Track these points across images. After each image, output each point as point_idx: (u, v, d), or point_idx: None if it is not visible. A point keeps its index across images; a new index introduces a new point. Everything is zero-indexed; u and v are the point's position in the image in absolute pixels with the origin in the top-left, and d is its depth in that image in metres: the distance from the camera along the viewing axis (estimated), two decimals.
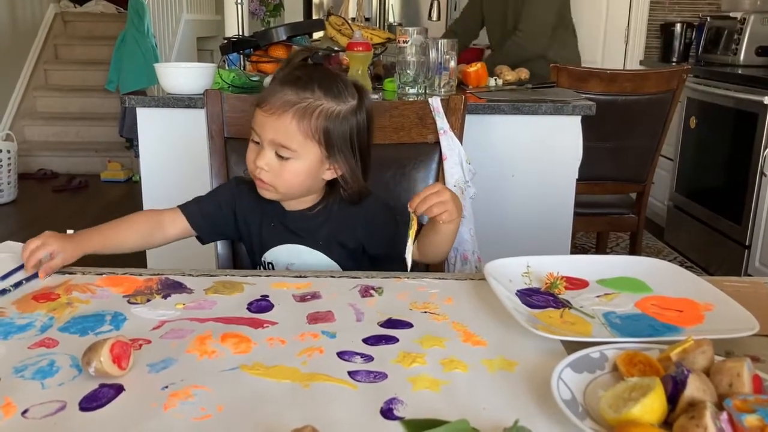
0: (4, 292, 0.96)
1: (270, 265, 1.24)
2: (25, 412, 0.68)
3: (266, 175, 1.13)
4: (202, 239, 1.28)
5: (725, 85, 3.13)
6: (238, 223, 1.26)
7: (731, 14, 3.70)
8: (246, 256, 1.38)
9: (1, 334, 0.85)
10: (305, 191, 1.19)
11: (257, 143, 1.13)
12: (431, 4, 3.00)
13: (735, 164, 3.04)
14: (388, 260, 1.19)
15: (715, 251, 3.20)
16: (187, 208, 1.25)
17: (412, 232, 1.07)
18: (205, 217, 1.24)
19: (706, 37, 3.86)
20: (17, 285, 0.99)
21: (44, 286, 1.00)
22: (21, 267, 1.05)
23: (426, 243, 1.16)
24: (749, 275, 2.87)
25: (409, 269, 1.07)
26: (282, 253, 1.23)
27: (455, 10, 4.80)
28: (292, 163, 1.12)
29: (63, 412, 0.68)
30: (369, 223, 1.21)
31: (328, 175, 1.18)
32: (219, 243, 1.38)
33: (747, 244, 2.94)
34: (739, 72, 3.28)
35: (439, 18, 3.19)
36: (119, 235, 1.19)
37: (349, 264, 1.21)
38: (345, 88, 1.15)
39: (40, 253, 1.04)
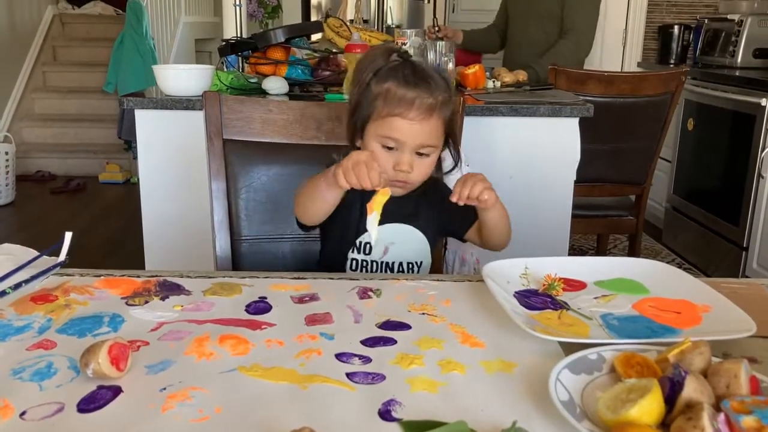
0: (2, 294, 0.96)
1: (367, 246, 1.26)
2: (23, 413, 0.68)
3: (408, 176, 1.18)
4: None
5: (723, 87, 3.14)
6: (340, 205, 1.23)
7: (728, 16, 3.71)
8: (244, 256, 1.38)
9: None
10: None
11: (391, 148, 1.17)
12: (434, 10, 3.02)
13: (733, 166, 3.04)
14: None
15: (713, 253, 3.21)
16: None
17: (378, 205, 1.08)
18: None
19: (704, 39, 3.87)
20: (16, 287, 0.99)
21: (42, 287, 1.00)
22: (19, 269, 1.04)
23: (485, 236, 1.25)
24: (747, 277, 2.88)
25: (374, 241, 1.13)
26: (382, 232, 1.19)
27: (453, 12, 4.81)
28: (431, 158, 1.19)
29: (61, 413, 0.68)
30: (444, 201, 1.21)
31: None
32: (218, 244, 1.38)
33: (745, 245, 2.95)
34: (737, 74, 3.28)
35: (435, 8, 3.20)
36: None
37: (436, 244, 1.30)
38: (446, 79, 1.22)
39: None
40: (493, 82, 2.37)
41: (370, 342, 0.85)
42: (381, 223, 1.17)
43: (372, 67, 1.18)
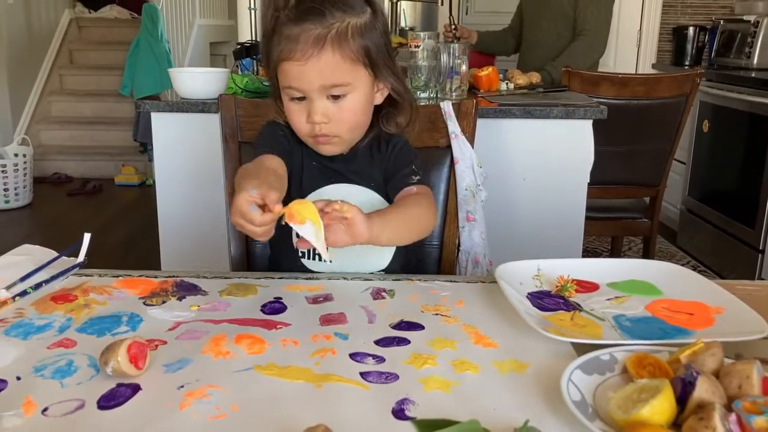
0: (23, 293, 0.98)
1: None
2: (45, 410, 0.69)
3: (327, 127, 1.03)
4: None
5: (738, 89, 3.12)
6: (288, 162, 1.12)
7: (744, 17, 3.68)
8: (259, 258, 1.40)
9: (20, 334, 0.86)
10: (365, 127, 1.10)
11: (300, 99, 1.03)
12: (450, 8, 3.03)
13: (748, 168, 3.02)
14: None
15: (729, 255, 3.18)
16: (273, 151, 1.10)
17: (307, 212, 0.88)
18: (289, 152, 1.13)
19: (719, 40, 3.85)
20: (37, 287, 1.00)
21: (62, 287, 1.02)
22: (40, 269, 1.06)
23: None
24: (762, 279, 2.86)
25: (327, 257, 0.98)
26: (332, 194, 1.07)
27: (467, 14, 4.81)
28: (349, 100, 1.03)
29: (82, 410, 0.69)
30: (392, 157, 1.15)
31: (378, 98, 1.10)
32: (232, 245, 1.39)
33: (761, 248, 2.92)
34: (753, 75, 3.26)
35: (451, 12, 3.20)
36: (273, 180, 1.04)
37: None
38: None
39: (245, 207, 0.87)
40: (507, 84, 2.37)
41: (384, 342, 0.85)
42: (324, 183, 1.07)
43: (273, 6, 1.02)
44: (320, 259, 1.16)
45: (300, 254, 1.17)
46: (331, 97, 1.02)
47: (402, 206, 1.07)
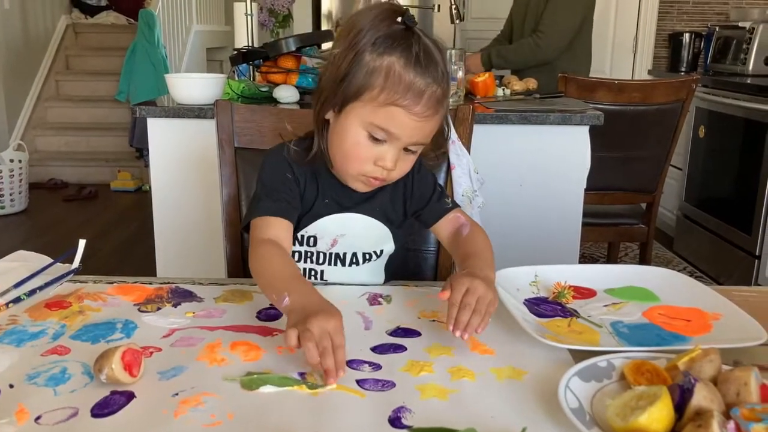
0: (17, 300, 0.97)
1: (311, 240, 1.10)
2: (38, 418, 0.68)
3: (390, 174, 1.00)
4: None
5: (734, 95, 3.13)
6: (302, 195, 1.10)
7: (740, 24, 3.70)
8: None
9: (14, 341, 0.86)
10: None
11: (377, 140, 0.97)
12: (450, 9, 3.01)
13: (744, 174, 3.03)
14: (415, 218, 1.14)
15: (725, 261, 3.19)
16: (283, 214, 1.04)
17: None
18: (294, 206, 1.07)
19: (715, 46, 3.86)
20: (31, 293, 1.00)
21: (56, 294, 1.01)
22: (34, 275, 1.06)
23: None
24: (759, 285, 2.86)
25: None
26: (330, 225, 1.09)
27: (463, 20, 4.82)
28: (416, 154, 1.01)
29: (75, 418, 0.69)
30: (412, 182, 1.12)
31: None
32: (229, 251, 1.39)
33: (757, 254, 2.93)
34: (748, 82, 3.27)
35: (461, 18, 3.18)
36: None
37: (400, 228, 1.13)
38: (444, 64, 0.99)
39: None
40: (503, 90, 2.37)
41: (380, 349, 0.85)
42: (325, 213, 1.05)
43: (371, 31, 0.94)
44: (316, 280, 1.13)
45: (296, 258, 1.16)
46: (405, 149, 0.99)
47: (484, 249, 1.06)
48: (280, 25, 3.24)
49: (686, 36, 4.16)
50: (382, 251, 1.13)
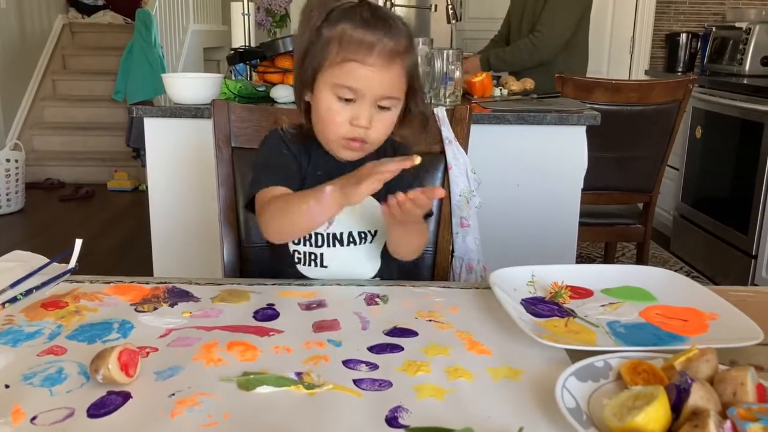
0: (14, 300, 0.97)
1: None
2: (33, 418, 0.68)
3: (366, 132, 1.05)
4: None
5: (731, 95, 3.13)
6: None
7: (736, 24, 3.71)
8: (252, 263, 1.39)
9: (10, 341, 0.85)
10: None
11: (347, 101, 1.04)
12: (447, 8, 3.00)
13: (741, 174, 3.04)
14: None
15: (722, 261, 3.19)
16: (285, 183, 1.11)
17: None
18: (296, 176, 1.14)
19: (712, 47, 3.87)
20: (27, 293, 0.99)
21: (53, 294, 1.01)
22: (30, 275, 1.05)
23: (391, 241, 1.13)
24: (756, 285, 2.87)
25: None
26: None
27: (460, 20, 4.82)
28: (391, 113, 1.07)
29: (71, 419, 0.68)
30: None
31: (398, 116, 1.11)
32: (225, 251, 1.39)
33: (753, 254, 2.93)
34: (745, 82, 3.28)
35: (458, 18, 3.17)
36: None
37: None
38: (407, 26, 1.08)
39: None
40: (500, 90, 2.37)
41: (377, 349, 0.85)
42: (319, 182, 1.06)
43: (322, 8, 1.04)
44: (316, 265, 1.16)
45: (296, 260, 1.18)
46: (378, 107, 1.05)
47: None
48: (277, 25, 3.23)
49: (683, 36, 4.16)
50: (376, 232, 1.17)
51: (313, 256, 1.16)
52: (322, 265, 1.16)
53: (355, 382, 0.76)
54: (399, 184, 1.01)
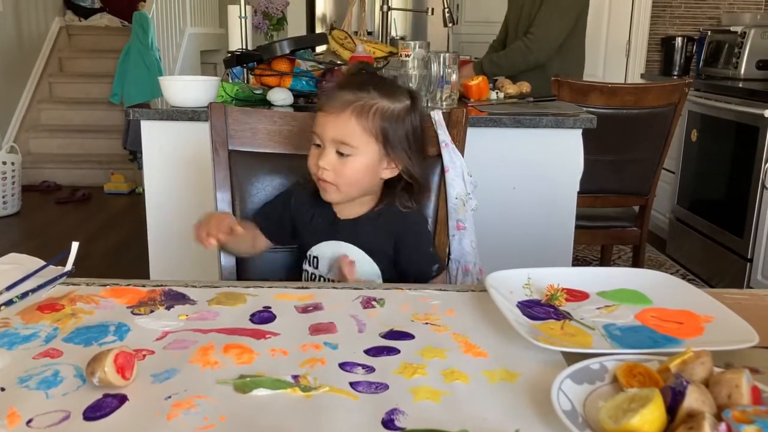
0: (9, 302, 0.97)
1: (315, 260, 1.28)
2: (29, 421, 0.68)
3: (328, 174, 1.19)
4: (275, 241, 1.35)
5: (726, 99, 3.15)
6: (293, 219, 1.32)
7: (731, 28, 3.72)
8: (249, 266, 1.39)
9: (5, 344, 0.85)
10: (364, 190, 1.24)
11: (318, 146, 1.20)
12: (443, 12, 3.01)
13: (736, 177, 3.05)
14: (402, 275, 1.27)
15: (717, 264, 3.20)
16: (258, 216, 1.36)
17: None
18: (270, 219, 1.33)
19: (707, 50, 3.88)
20: (23, 296, 0.99)
21: (49, 296, 1.01)
22: (27, 278, 1.05)
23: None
24: (751, 288, 2.87)
25: None
26: (329, 249, 1.27)
27: (457, 24, 4.83)
28: (352, 160, 1.18)
29: (67, 421, 0.68)
30: (404, 233, 1.27)
31: (387, 173, 1.24)
32: (222, 254, 1.39)
33: (749, 257, 2.94)
34: (740, 85, 3.29)
35: (454, 22, 3.18)
36: (254, 236, 1.31)
37: (390, 273, 1.27)
38: (398, 90, 1.24)
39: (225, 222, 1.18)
40: (497, 93, 2.38)
41: (374, 351, 0.85)
42: (326, 238, 1.25)
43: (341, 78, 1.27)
44: (315, 267, 1.28)
45: (304, 278, 1.28)
46: (338, 152, 1.18)
47: None
48: (274, 28, 3.24)
49: (679, 40, 4.18)
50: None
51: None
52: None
53: (352, 384, 0.76)
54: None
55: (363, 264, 1.24)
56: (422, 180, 1.28)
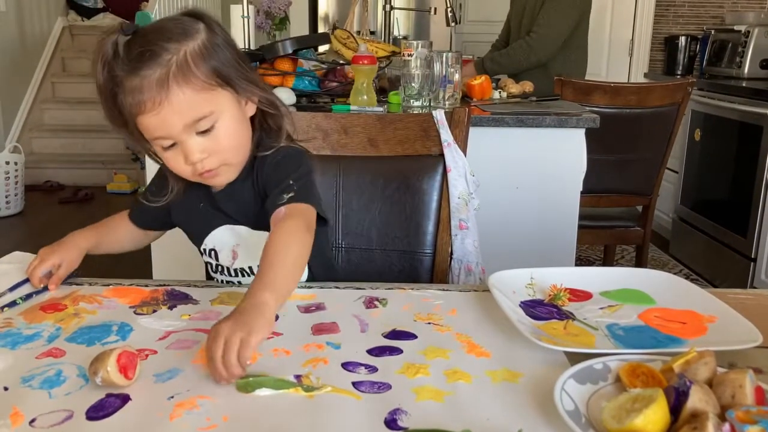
0: (13, 304, 0.97)
1: (212, 252, 1.13)
2: (32, 421, 0.68)
3: (208, 161, 0.98)
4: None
5: (730, 98, 3.14)
6: (172, 212, 1.16)
7: (735, 27, 3.71)
8: None
9: (9, 344, 0.85)
10: (247, 146, 1.04)
11: (172, 146, 0.97)
12: (446, 11, 3.01)
13: (740, 177, 3.04)
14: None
15: (721, 264, 3.19)
16: (133, 210, 1.21)
17: None
18: (145, 212, 1.19)
19: (711, 50, 3.87)
20: (27, 297, 1.00)
21: (51, 297, 1.01)
22: (28, 278, 1.05)
23: None
24: (755, 288, 2.87)
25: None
26: (224, 236, 1.11)
27: (459, 23, 4.83)
28: (219, 128, 0.97)
29: (70, 421, 0.68)
30: (267, 174, 1.05)
31: (250, 110, 1.03)
32: None
33: (752, 257, 2.94)
34: (744, 85, 3.28)
35: (457, 21, 3.18)
36: (115, 233, 1.20)
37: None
38: (182, 23, 0.97)
39: (38, 271, 1.04)
40: (500, 92, 2.37)
41: (376, 351, 0.85)
42: (216, 226, 1.08)
43: (102, 61, 0.96)
44: (216, 259, 1.15)
45: (211, 270, 1.17)
46: (199, 133, 0.96)
47: (272, 256, 0.89)
48: (277, 28, 3.24)
49: (682, 39, 4.17)
50: None
51: (231, 284, 1.13)
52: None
53: (354, 384, 0.76)
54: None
55: (260, 240, 0.95)
56: (278, 103, 1.06)
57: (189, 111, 0.93)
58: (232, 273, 1.14)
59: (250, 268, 1.13)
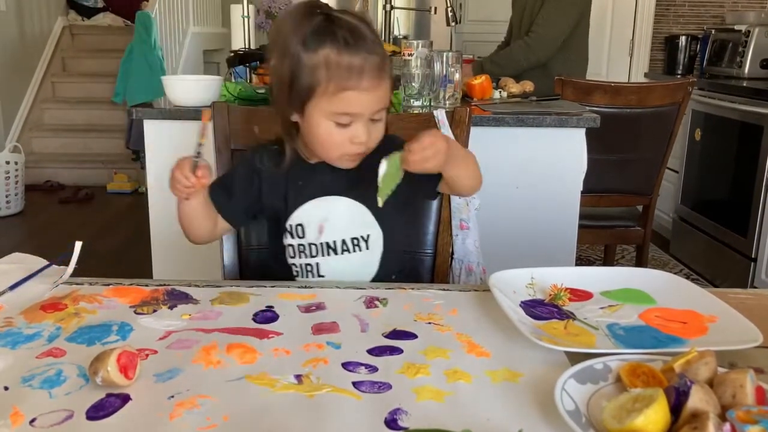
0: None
1: (298, 228, 1.16)
2: (33, 421, 0.68)
3: (366, 145, 1.08)
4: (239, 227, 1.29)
5: (730, 98, 3.14)
6: (262, 197, 1.19)
7: (736, 27, 3.71)
8: (252, 266, 1.39)
9: (9, 344, 0.85)
10: None
11: (345, 125, 1.06)
12: (446, 11, 3.01)
13: (740, 177, 3.04)
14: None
15: (721, 264, 3.19)
16: (219, 206, 1.19)
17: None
18: (237, 207, 1.20)
19: (711, 49, 3.87)
20: (13, 287, 0.99)
21: (51, 296, 1.01)
22: (29, 278, 1.05)
23: (450, 186, 1.16)
24: (755, 287, 2.87)
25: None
26: (311, 211, 1.16)
27: (460, 23, 4.82)
28: (382, 120, 1.10)
29: (70, 421, 0.68)
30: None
31: None
32: (225, 254, 1.39)
33: (753, 256, 2.93)
34: (744, 85, 3.28)
35: (457, 21, 3.18)
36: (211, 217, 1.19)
37: (392, 216, 1.16)
38: (368, 26, 1.08)
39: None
40: (500, 92, 2.37)
41: (377, 351, 0.85)
42: (306, 200, 1.14)
43: (297, 33, 1.03)
44: (313, 276, 1.17)
45: (294, 273, 1.19)
46: (372, 120, 1.07)
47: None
48: None
49: (682, 39, 4.17)
50: (369, 236, 1.16)
51: (309, 267, 1.17)
52: (319, 275, 1.17)
53: (355, 384, 0.76)
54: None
55: (353, 215, 1.16)
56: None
57: (383, 100, 1.07)
58: (315, 252, 1.16)
59: (334, 242, 1.16)
